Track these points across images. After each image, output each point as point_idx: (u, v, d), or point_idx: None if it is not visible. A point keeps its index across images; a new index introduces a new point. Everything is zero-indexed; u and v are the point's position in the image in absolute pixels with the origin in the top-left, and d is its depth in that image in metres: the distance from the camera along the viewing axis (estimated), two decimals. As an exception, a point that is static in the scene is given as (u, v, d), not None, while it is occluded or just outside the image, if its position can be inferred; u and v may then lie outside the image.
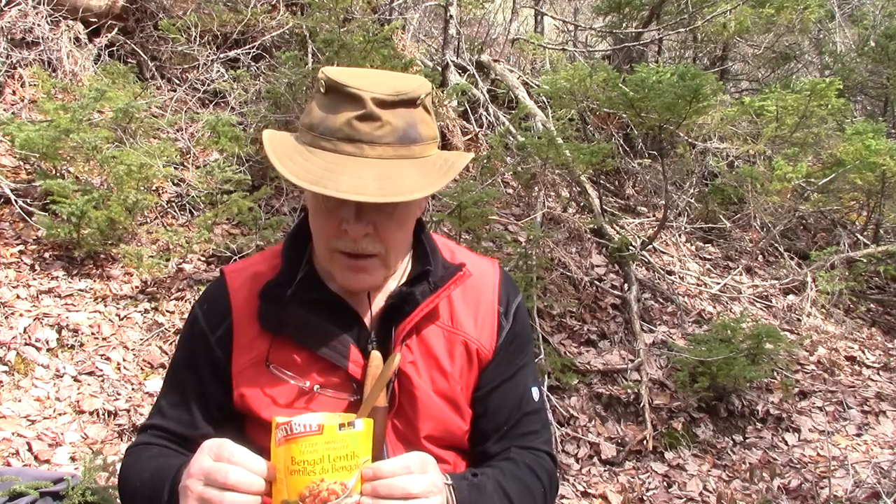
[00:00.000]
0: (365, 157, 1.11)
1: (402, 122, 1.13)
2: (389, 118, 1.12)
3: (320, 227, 1.19)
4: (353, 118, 1.11)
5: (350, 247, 1.16)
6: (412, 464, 1.06)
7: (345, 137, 1.11)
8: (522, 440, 1.32)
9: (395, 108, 1.12)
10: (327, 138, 1.12)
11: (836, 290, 4.82)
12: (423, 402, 1.24)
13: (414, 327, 1.24)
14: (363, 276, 1.19)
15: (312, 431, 1.02)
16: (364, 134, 1.11)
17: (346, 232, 1.15)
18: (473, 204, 3.87)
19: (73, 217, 3.43)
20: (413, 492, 1.04)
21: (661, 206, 5.21)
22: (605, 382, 3.90)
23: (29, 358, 3.10)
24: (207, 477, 1.04)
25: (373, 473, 1.04)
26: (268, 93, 4.57)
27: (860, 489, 3.29)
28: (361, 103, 1.11)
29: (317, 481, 1.01)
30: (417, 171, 1.13)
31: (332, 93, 1.14)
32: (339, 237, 1.16)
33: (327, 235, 1.17)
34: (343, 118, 1.11)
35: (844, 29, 7.96)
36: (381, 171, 1.10)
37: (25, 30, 4.47)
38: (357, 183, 1.07)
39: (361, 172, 1.09)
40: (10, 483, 1.81)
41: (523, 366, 1.35)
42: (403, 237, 1.22)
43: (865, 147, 4.83)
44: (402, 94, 1.13)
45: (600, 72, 4.56)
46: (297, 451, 1.01)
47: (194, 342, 1.29)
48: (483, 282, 1.33)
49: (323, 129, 1.13)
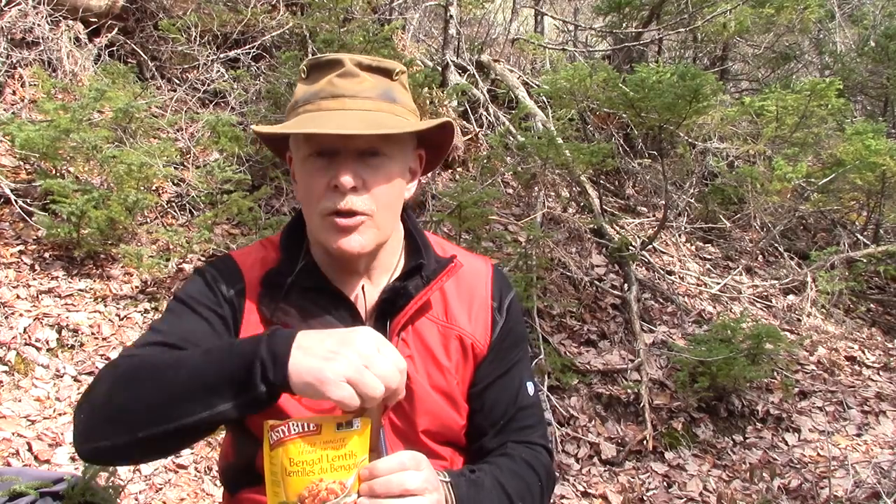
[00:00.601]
0: (347, 109, 1.17)
1: (380, 83, 1.21)
2: (368, 76, 1.20)
3: (310, 190, 1.20)
4: (334, 76, 1.19)
5: (340, 203, 1.17)
6: (407, 461, 1.06)
7: (327, 95, 1.18)
8: (519, 435, 1.33)
9: (372, 72, 1.21)
10: (310, 101, 1.19)
11: (836, 290, 4.83)
12: (419, 396, 1.24)
13: (408, 320, 1.25)
14: (354, 237, 1.19)
15: (310, 431, 1.01)
16: (345, 89, 1.18)
17: (335, 188, 1.16)
18: (473, 204, 3.87)
19: (73, 217, 3.42)
20: (410, 488, 1.04)
21: (661, 206, 5.21)
22: (605, 382, 3.90)
23: (29, 358, 3.10)
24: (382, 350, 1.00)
25: (369, 472, 1.04)
26: (268, 93, 4.58)
27: (860, 489, 3.29)
28: (341, 63, 1.19)
29: (315, 481, 1.01)
30: (399, 118, 1.20)
31: (312, 70, 1.22)
32: (328, 196, 1.18)
33: (318, 195, 1.19)
34: (324, 79, 1.19)
35: (844, 29, 7.96)
36: (365, 116, 1.17)
37: (25, 30, 4.47)
38: (341, 122, 1.14)
39: (345, 115, 1.16)
40: (10, 483, 1.81)
41: (518, 361, 1.36)
42: (392, 197, 1.22)
43: (865, 147, 4.83)
44: (379, 62, 1.21)
45: (600, 72, 4.56)
46: (296, 452, 1.01)
47: (208, 286, 1.24)
48: (476, 278, 1.35)
49: (306, 98, 1.20)
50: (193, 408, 1.01)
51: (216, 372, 1.01)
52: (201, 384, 1.01)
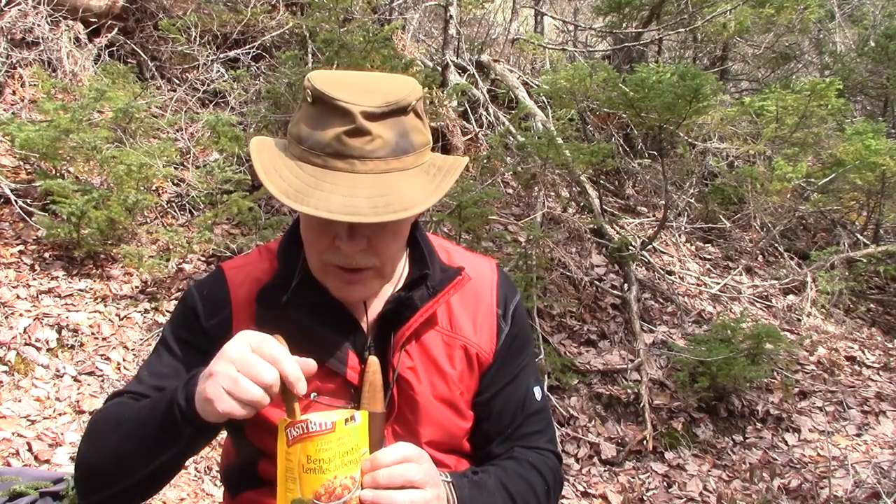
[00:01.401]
0: (356, 172, 1.07)
1: (393, 134, 1.08)
2: (380, 131, 1.07)
3: (312, 242, 1.15)
4: (342, 133, 1.06)
5: (343, 261, 1.13)
6: (408, 453, 1.07)
7: (334, 153, 1.07)
8: (526, 440, 1.31)
9: (385, 118, 1.08)
10: (316, 153, 1.08)
11: (836, 290, 4.83)
12: (423, 407, 1.23)
13: (413, 333, 1.23)
14: (358, 288, 1.17)
15: (327, 430, 1.02)
16: (354, 149, 1.07)
17: (339, 248, 1.12)
18: (473, 204, 3.87)
19: (73, 217, 3.42)
20: (412, 479, 1.04)
21: (661, 206, 5.21)
22: (605, 382, 3.90)
23: (29, 358, 3.10)
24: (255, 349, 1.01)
25: (371, 464, 1.04)
26: (268, 93, 4.57)
27: (860, 489, 3.29)
28: (350, 117, 1.06)
29: (331, 479, 1.01)
30: (411, 183, 1.09)
31: (319, 104, 1.09)
32: (332, 252, 1.13)
33: (319, 250, 1.14)
34: (331, 133, 1.07)
35: (844, 29, 7.96)
36: (374, 187, 1.06)
37: (25, 30, 4.47)
38: (349, 202, 1.04)
39: (353, 190, 1.05)
40: (10, 483, 1.81)
41: (524, 366, 1.34)
42: (398, 248, 1.19)
43: (865, 147, 4.83)
44: (392, 103, 1.08)
45: (600, 72, 4.56)
46: (314, 450, 1.01)
47: (186, 320, 1.25)
48: (481, 284, 1.32)
49: (311, 144, 1.09)
50: (148, 459, 1.10)
51: (153, 424, 1.09)
52: (147, 437, 1.10)
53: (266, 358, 1.00)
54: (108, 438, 1.15)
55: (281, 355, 1.01)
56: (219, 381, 1.00)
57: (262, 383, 0.99)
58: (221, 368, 1.00)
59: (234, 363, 1.00)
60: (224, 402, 0.99)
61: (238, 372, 1.00)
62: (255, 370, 0.99)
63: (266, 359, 1.00)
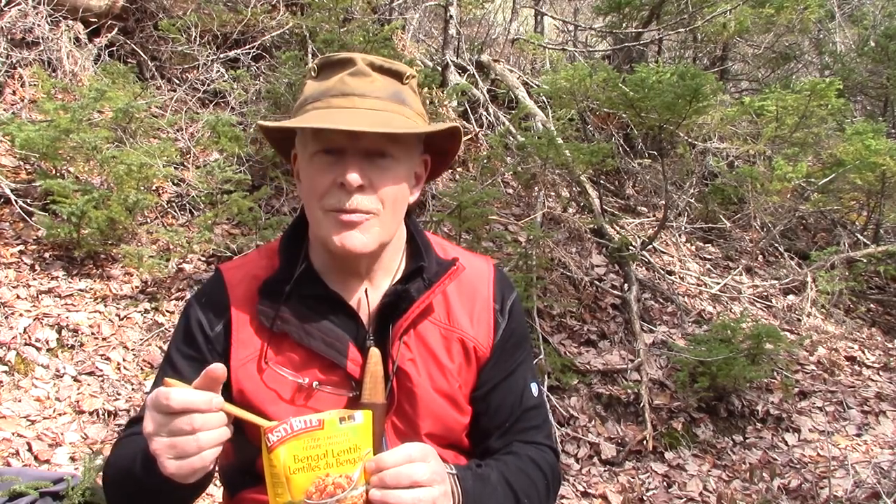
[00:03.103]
0: (357, 108, 1.16)
1: (391, 85, 1.20)
2: (379, 78, 1.19)
3: (314, 187, 1.19)
4: (346, 75, 1.18)
5: (345, 202, 1.16)
6: (413, 453, 1.07)
7: (337, 93, 1.17)
8: (524, 435, 1.33)
9: (383, 73, 1.20)
10: (319, 99, 1.18)
11: (836, 290, 4.83)
12: (422, 399, 1.24)
13: (411, 324, 1.25)
14: (356, 234, 1.18)
15: (313, 427, 1.02)
16: (355, 88, 1.17)
17: (341, 186, 1.15)
18: (473, 204, 3.87)
19: (73, 217, 3.42)
20: (419, 479, 1.05)
21: (661, 206, 5.21)
22: (605, 382, 3.90)
23: (29, 358, 3.10)
24: (165, 420, 1.02)
25: (376, 465, 1.05)
26: (268, 93, 4.57)
27: (860, 489, 3.29)
28: (352, 62, 1.18)
29: (322, 476, 1.02)
30: (408, 119, 1.19)
31: (323, 69, 1.21)
32: (333, 194, 1.17)
33: (321, 192, 1.17)
34: (335, 78, 1.18)
35: (844, 29, 7.96)
36: (374, 115, 1.15)
37: (25, 30, 4.47)
38: (351, 119, 1.13)
39: (355, 113, 1.15)
40: (10, 483, 1.80)
41: (521, 362, 1.36)
42: (398, 197, 1.21)
43: (865, 147, 4.83)
44: (390, 64, 1.21)
45: (600, 72, 4.56)
46: (301, 448, 1.01)
47: (191, 335, 1.27)
48: (478, 279, 1.34)
49: (315, 95, 1.19)
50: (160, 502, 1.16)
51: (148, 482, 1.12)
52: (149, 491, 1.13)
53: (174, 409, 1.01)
54: (121, 489, 1.21)
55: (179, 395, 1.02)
56: (164, 455, 1.01)
57: (195, 427, 1.01)
58: (155, 446, 1.02)
59: (159, 434, 1.02)
60: (183, 466, 1.02)
61: (168, 437, 1.01)
62: (178, 425, 1.01)
63: (175, 409, 1.01)
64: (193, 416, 1.01)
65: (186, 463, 1.01)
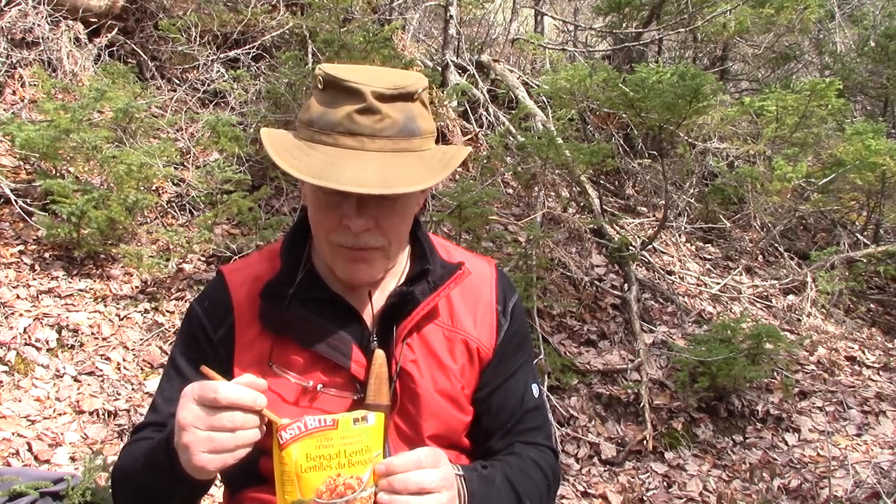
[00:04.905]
0: (366, 150, 1.10)
1: (401, 116, 1.13)
2: (389, 111, 1.11)
3: (320, 222, 1.18)
4: (354, 111, 1.10)
5: (351, 241, 1.15)
6: (424, 458, 1.07)
7: (345, 131, 1.10)
8: (525, 436, 1.33)
9: (394, 101, 1.12)
10: (327, 132, 1.12)
11: (836, 290, 4.83)
12: (425, 400, 1.24)
13: (415, 326, 1.25)
14: (364, 268, 1.18)
15: (328, 426, 1.02)
16: (365, 127, 1.10)
17: (347, 227, 1.14)
18: (473, 204, 3.87)
19: (73, 217, 3.42)
20: (427, 486, 1.05)
21: (661, 206, 5.21)
22: (605, 382, 3.90)
23: (29, 358, 3.10)
24: (208, 414, 1.02)
25: (385, 469, 1.05)
26: (268, 93, 4.57)
27: (860, 489, 3.29)
28: (361, 97, 1.10)
29: (333, 476, 1.02)
30: (418, 163, 1.13)
31: (330, 88, 1.13)
32: (339, 232, 1.15)
33: (328, 230, 1.16)
34: (343, 112, 1.11)
35: (844, 29, 7.96)
36: (383, 163, 1.09)
37: (25, 30, 4.47)
38: (359, 176, 1.07)
39: (363, 165, 1.08)
40: (10, 483, 1.81)
41: (523, 363, 1.36)
42: (404, 229, 1.22)
43: (865, 147, 4.83)
44: (401, 87, 1.13)
45: (600, 72, 4.56)
46: (314, 447, 1.01)
47: (194, 339, 1.27)
48: (480, 281, 1.34)
49: (322, 124, 1.12)
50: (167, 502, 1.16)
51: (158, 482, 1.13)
52: (159, 491, 1.15)
53: (221, 403, 1.02)
54: (127, 492, 1.22)
55: (228, 390, 1.02)
56: (198, 448, 1.01)
57: (237, 425, 1.02)
58: (190, 438, 1.02)
59: (196, 426, 1.02)
60: (215, 461, 1.02)
61: (207, 430, 1.02)
62: (221, 420, 1.01)
63: (222, 404, 1.02)
64: (236, 413, 1.01)
65: (219, 458, 1.02)
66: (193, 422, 1.02)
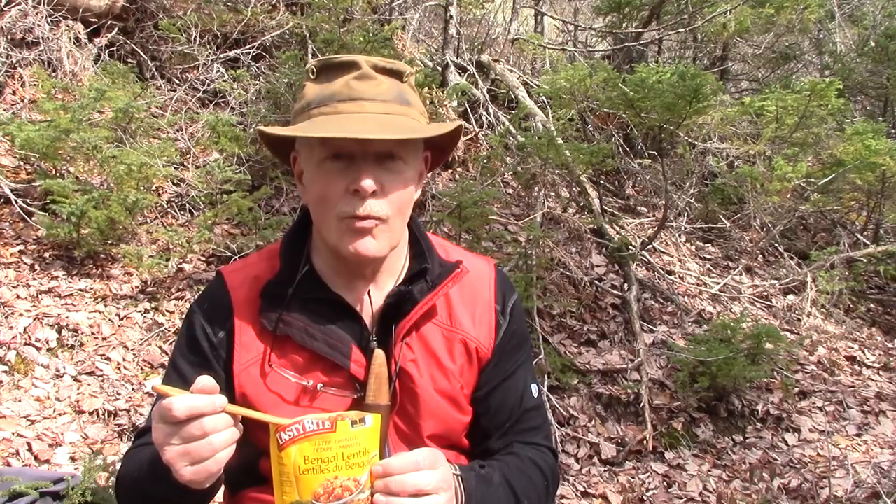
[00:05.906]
0: (366, 112, 1.16)
1: (395, 87, 1.20)
2: (384, 80, 1.19)
3: (327, 193, 1.17)
4: (351, 79, 1.17)
5: (358, 207, 1.15)
6: (421, 460, 1.07)
7: (345, 98, 1.16)
8: (524, 436, 1.33)
9: (386, 74, 1.20)
10: (326, 104, 1.17)
11: (836, 290, 4.82)
12: (424, 400, 1.24)
13: (413, 325, 1.25)
14: (370, 241, 1.18)
15: (326, 429, 1.02)
16: (363, 92, 1.16)
17: (354, 192, 1.15)
18: (473, 204, 3.87)
19: (73, 217, 3.42)
20: (424, 488, 1.05)
21: (661, 206, 5.21)
22: (605, 382, 3.90)
23: (29, 358, 3.10)
24: (174, 430, 1.01)
25: (382, 470, 1.05)
26: (268, 93, 4.58)
27: (860, 489, 3.29)
28: (357, 66, 1.18)
29: (331, 478, 1.01)
30: (414, 120, 1.20)
31: (323, 71, 1.20)
32: (347, 201, 1.16)
33: (335, 199, 1.17)
34: (340, 82, 1.17)
35: (844, 29, 7.96)
36: (383, 120, 1.15)
37: (25, 30, 4.47)
38: (361, 126, 1.13)
39: (365, 120, 1.14)
40: (10, 483, 1.81)
41: (522, 363, 1.36)
42: (407, 199, 1.22)
43: (865, 147, 4.83)
44: (391, 64, 1.21)
45: (600, 72, 4.56)
46: (311, 449, 1.01)
47: (195, 341, 1.27)
48: (479, 280, 1.34)
49: (321, 99, 1.18)
50: None
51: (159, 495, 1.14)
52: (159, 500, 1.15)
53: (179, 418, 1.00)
54: (133, 500, 1.22)
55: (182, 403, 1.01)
56: (179, 463, 1.01)
57: (206, 431, 1.01)
58: (168, 455, 1.01)
59: (170, 443, 1.01)
60: (200, 471, 1.01)
61: (181, 444, 1.01)
62: (189, 431, 1.00)
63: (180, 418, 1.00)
64: (203, 420, 1.00)
65: (202, 467, 1.01)
66: (165, 440, 1.01)
